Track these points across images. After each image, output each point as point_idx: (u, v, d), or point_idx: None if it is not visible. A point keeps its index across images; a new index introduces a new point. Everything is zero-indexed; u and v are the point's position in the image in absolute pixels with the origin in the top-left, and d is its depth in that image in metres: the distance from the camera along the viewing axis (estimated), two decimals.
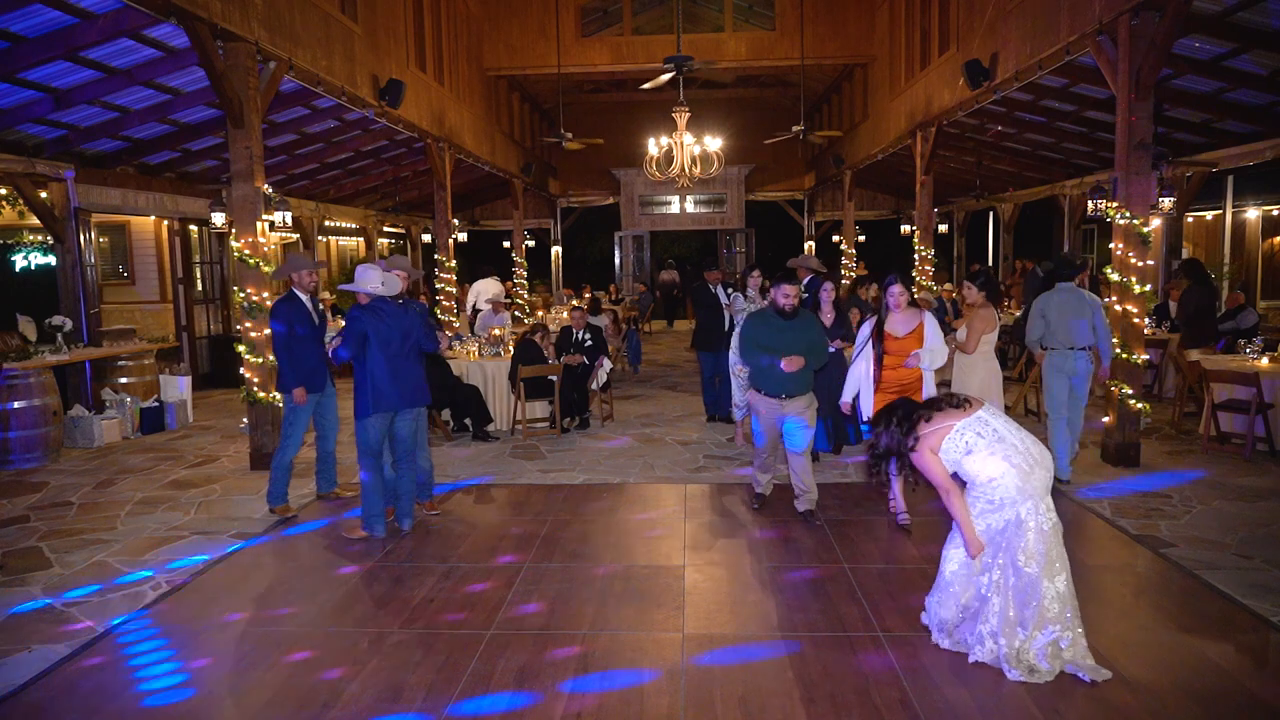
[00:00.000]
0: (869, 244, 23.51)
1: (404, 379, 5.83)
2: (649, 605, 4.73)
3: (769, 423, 6.06)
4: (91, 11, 7.29)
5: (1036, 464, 3.82)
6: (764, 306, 6.22)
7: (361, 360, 5.77)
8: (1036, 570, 3.77)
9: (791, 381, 5.84)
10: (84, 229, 10.09)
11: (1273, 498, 6.45)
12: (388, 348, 5.76)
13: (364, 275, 5.88)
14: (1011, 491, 3.80)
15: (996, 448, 3.81)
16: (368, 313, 5.79)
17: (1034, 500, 3.81)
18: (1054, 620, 3.77)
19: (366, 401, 5.77)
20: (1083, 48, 7.91)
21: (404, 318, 5.89)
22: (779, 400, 5.93)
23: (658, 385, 12.64)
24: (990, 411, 3.94)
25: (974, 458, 3.84)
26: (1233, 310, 11.03)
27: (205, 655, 4.24)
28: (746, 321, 6.22)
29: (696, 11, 18.71)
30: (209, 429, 9.86)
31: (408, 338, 5.87)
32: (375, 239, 19.01)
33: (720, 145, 13.30)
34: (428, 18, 13.22)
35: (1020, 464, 3.79)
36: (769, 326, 5.94)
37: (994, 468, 3.81)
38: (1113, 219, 7.44)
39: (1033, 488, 3.80)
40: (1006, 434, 3.86)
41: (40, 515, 6.57)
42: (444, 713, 3.67)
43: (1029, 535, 3.79)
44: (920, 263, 13.60)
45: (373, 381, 5.75)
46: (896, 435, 3.97)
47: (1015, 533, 3.82)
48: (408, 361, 5.88)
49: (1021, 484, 3.79)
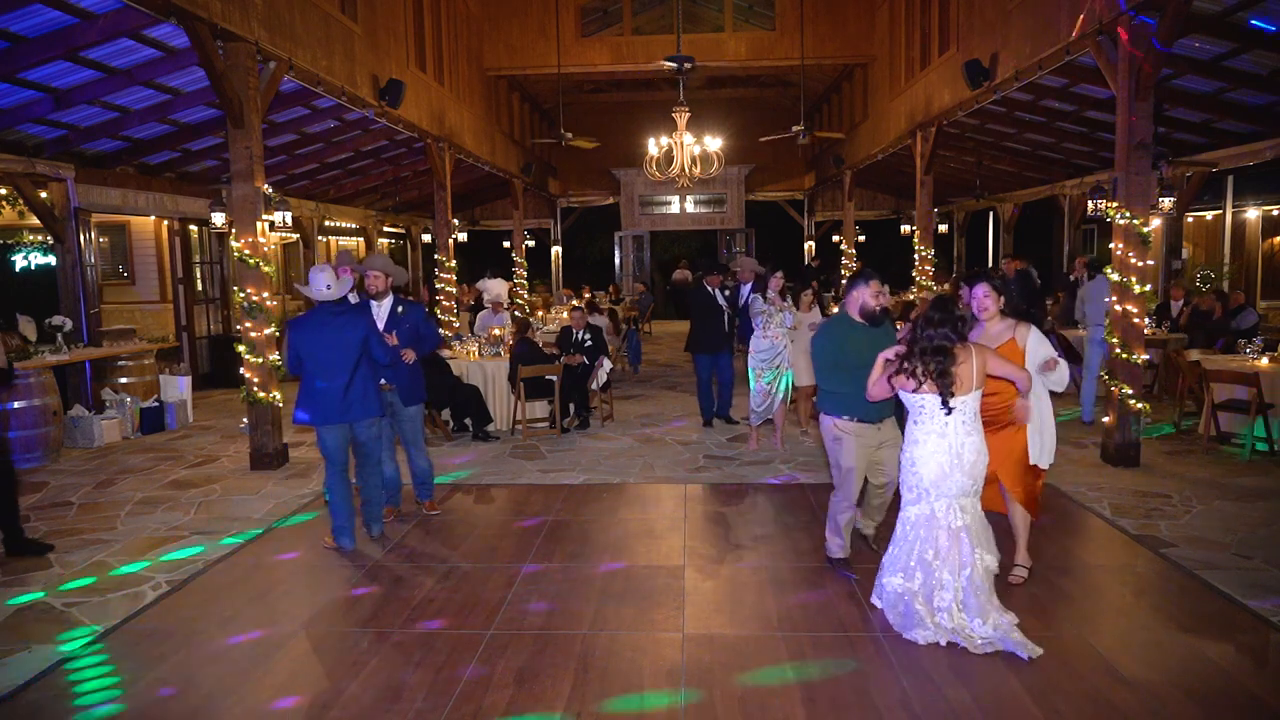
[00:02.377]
0: (869, 244, 23.50)
1: (331, 392, 5.47)
2: (649, 605, 4.73)
3: (863, 456, 4.87)
4: (91, 11, 7.29)
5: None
6: (838, 314, 5.12)
7: (301, 371, 5.58)
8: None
9: (890, 400, 4.63)
10: (84, 229, 10.10)
11: (1273, 498, 6.44)
12: (320, 359, 5.48)
13: (313, 279, 5.56)
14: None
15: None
16: (300, 325, 5.57)
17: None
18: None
19: (297, 415, 5.60)
20: (1083, 48, 7.91)
21: (345, 327, 5.52)
22: (876, 426, 4.87)
23: (658, 385, 12.64)
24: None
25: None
26: (1233, 310, 11.04)
27: (205, 655, 4.24)
28: (825, 336, 4.99)
29: (696, 11, 18.71)
30: (209, 429, 9.86)
31: (347, 347, 5.50)
32: (375, 239, 19.01)
33: (720, 145, 13.29)
34: (428, 18, 13.22)
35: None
36: (856, 337, 4.82)
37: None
38: (1113, 219, 7.44)
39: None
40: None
41: (40, 515, 6.57)
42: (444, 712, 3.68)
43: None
44: (920, 263, 13.60)
45: (308, 393, 5.55)
46: (948, 333, 4.05)
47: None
48: (339, 373, 5.49)
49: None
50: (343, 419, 5.56)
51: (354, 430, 5.66)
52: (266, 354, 7.75)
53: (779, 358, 7.90)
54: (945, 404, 4.09)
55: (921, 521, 4.22)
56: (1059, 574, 5.00)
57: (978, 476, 4.18)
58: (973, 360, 4.10)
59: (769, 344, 7.92)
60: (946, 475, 4.12)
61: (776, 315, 7.94)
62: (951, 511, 4.16)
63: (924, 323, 4.11)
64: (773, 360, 7.90)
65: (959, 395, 4.09)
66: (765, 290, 8.09)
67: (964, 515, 4.17)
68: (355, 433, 5.68)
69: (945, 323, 4.08)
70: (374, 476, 5.87)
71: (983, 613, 4.08)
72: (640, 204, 23.35)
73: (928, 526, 4.20)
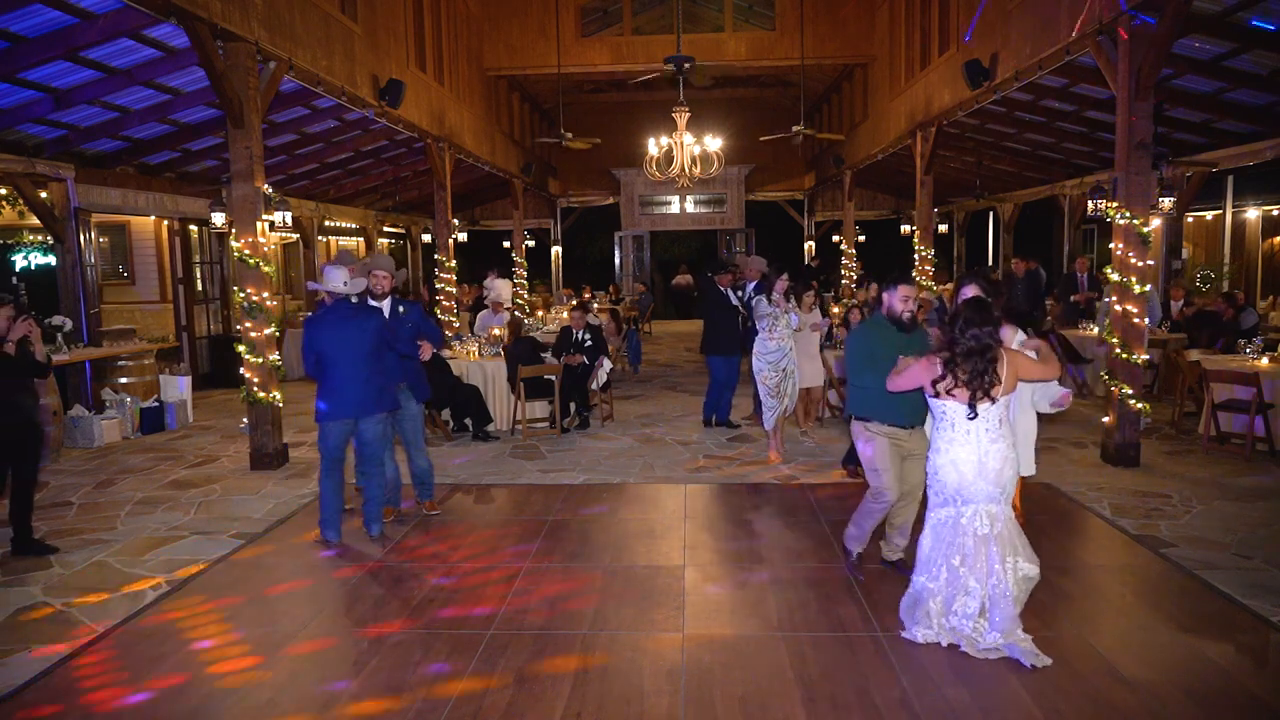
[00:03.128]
0: (869, 244, 23.50)
1: (353, 386, 5.60)
2: (649, 605, 4.73)
3: (896, 459, 4.81)
4: (91, 11, 7.29)
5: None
6: (874, 317, 5.00)
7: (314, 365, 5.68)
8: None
9: (922, 404, 4.54)
10: (84, 229, 10.09)
11: (1273, 498, 6.45)
12: (336, 354, 5.59)
13: (328, 275, 5.69)
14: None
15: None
16: (318, 322, 5.68)
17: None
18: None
19: (319, 407, 5.68)
20: (1083, 48, 7.91)
21: (360, 324, 5.65)
22: (908, 431, 4.80)
23: (658, 385, 12.64)
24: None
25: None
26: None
27: (205, 655, 4.24)
28: (857, 338, 4.96)
29: (696, 11, 18.71)
30: (209, 429, 9.86)
31: (362, 344, 5.62)
32: (375, 239, 19.01)
33: (720, 145, 13.29)
34: (428, 18, 13.22)
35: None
36: (889, 340, 4.72)
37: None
38: (1113, 219, 7.44)
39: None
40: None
41: (40, 515, 6.54)
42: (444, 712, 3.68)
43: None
44: (920, 263, 13.60)
45: (322, 387, 5.66)
46: (991, 333, 3.97)
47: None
48: (360, 368, 5.62)
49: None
50: (358, 413, 5.66)
51: (360, 426, 5.72)
52: (266, 354, 7.74)
53: (786, 359, 7.75)
54: (972, 409, 3.98)
55: (948, 525, 4.14)
56: (1059, 574, 4.99)
57: (1005, 484, 4.04)
58: (1004, 364, 4.00)
59: (776, 345, 7.73)
60: (970, 483, 4.03)
61: (783, 317, 7.77)
62: (978, 518, 4.05)
63: (964, 323, 3.98)
64: (780, 362, 7.75)
65: (989, 400, 3.98)
66: (770, 292, 7.96)
67: (992, 522, 4.04)
68: (360, 429, 5.73)
69: (985, 322, 3.96)
70: (376, 476, 5.88)
71: (1005, 629, 3.96)
72: (640, 204, 23.35)
73: (953, 532, 4.11)
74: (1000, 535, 4.03)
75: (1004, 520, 4.06)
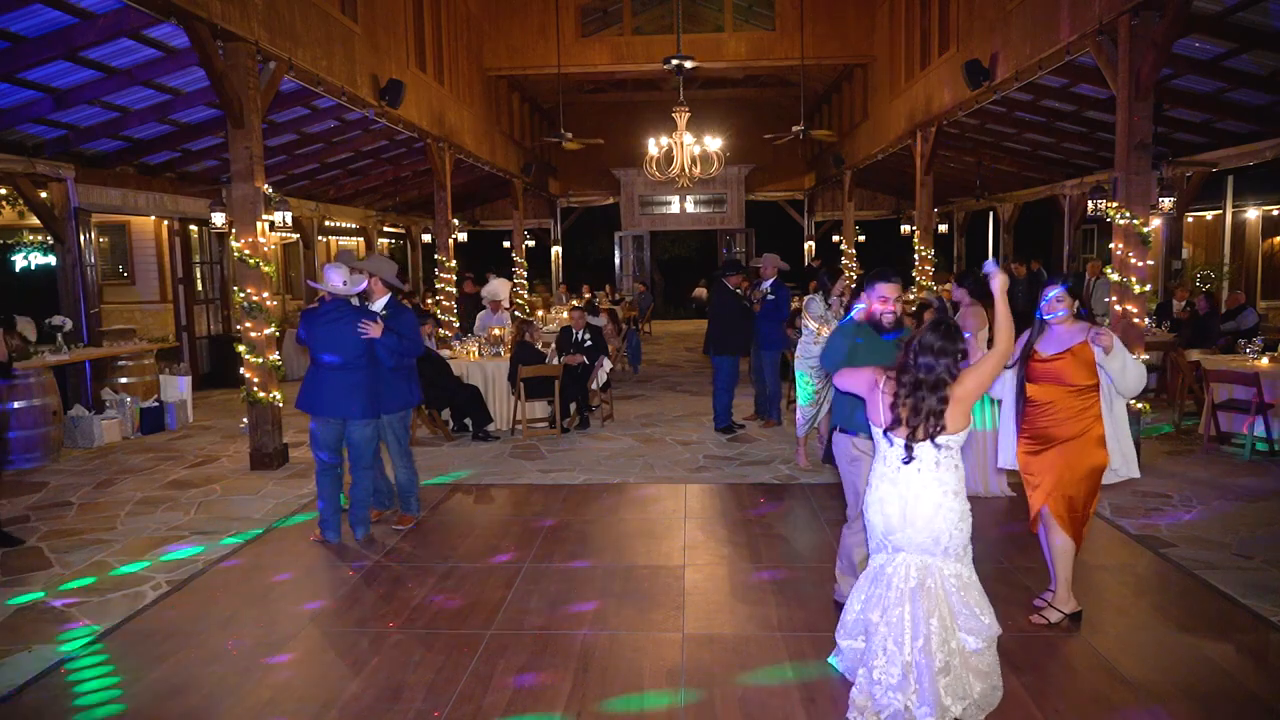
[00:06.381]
0: (869, 244, 23.50)
1: (335, 386, 5.60)
2: (649, 605, 4.73)
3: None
4: (91, 11, 7.29)
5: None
6: (846, 320, 4.56)
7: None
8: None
9: None
10: (84, 229, 10.09)
11: (1273, 498, 6.45)
12: (325, 352, 5.62)
13: (328, 274, 5.74)
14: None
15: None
16: (313, 318, 5.72)
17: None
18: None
19: (306, 400, 5.73)
20: (1083, 48, 7.91)
21: (356, 325, 5.61)
22: None
23: (658, 385, 12.64)
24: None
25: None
26: (1233, 310, 11.05)
27: (205, 655, 4.24)
28: (831, 344, 4.47)
29: (696, 11, 18.71)
30: (209, 429, 9.86)
31: (355, 346, 5.60)
32: (375, 239, 19.00)
33: (720, 145, 13.29)
34: (428, 18, 13.22)
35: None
36: (864, 347, 4.24)
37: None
38: (1113, 219, 7.44)
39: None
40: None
41: (40, 515, 6.57)
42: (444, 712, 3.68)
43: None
44: (920, 263, 13.60)
45: (306, 379, 5.74)
46: (949, 366, 3.30)
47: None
48: (348, 370, 5.61)
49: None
50: (341, 414, 5.66)
51: (348, 428, 5.74)
52: (266, 354, 7.75)
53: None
54: (909, 450, 3.33)
55: (873, 573, 3.52)
56: None
57: (939, 534, 3.33)
58: (952, 405, 3.33)
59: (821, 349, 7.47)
60: (896, 528, 3.38)
61: (832, 320, 7.36)
62: (907, 569, 3.36)
63: (920, 349, 3.32)
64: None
65: (929, 443, 3.34)
66: (828, 295, 7.57)
67: (923, 577, 3.35)
68: (349, 431, 5.75)
69: (943, 352, 3.30)
70: (364, 480, 5.87)
71: (937, 705, 3.23)
72: (640, 204, 23.34)
73: (874, 581, 3.48)
74: (930, 592, 3.32)
75: (949, 578, 3.37)
